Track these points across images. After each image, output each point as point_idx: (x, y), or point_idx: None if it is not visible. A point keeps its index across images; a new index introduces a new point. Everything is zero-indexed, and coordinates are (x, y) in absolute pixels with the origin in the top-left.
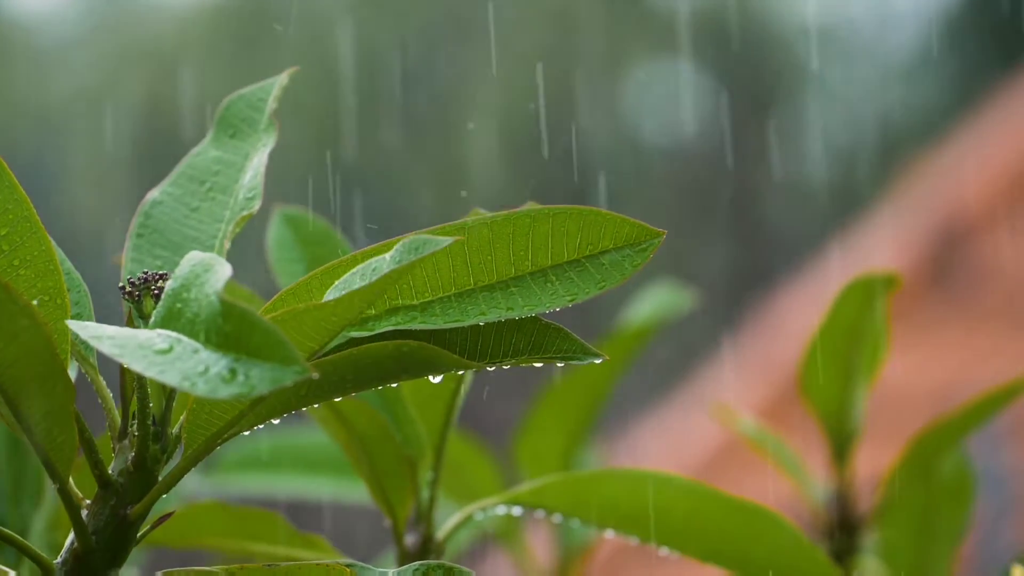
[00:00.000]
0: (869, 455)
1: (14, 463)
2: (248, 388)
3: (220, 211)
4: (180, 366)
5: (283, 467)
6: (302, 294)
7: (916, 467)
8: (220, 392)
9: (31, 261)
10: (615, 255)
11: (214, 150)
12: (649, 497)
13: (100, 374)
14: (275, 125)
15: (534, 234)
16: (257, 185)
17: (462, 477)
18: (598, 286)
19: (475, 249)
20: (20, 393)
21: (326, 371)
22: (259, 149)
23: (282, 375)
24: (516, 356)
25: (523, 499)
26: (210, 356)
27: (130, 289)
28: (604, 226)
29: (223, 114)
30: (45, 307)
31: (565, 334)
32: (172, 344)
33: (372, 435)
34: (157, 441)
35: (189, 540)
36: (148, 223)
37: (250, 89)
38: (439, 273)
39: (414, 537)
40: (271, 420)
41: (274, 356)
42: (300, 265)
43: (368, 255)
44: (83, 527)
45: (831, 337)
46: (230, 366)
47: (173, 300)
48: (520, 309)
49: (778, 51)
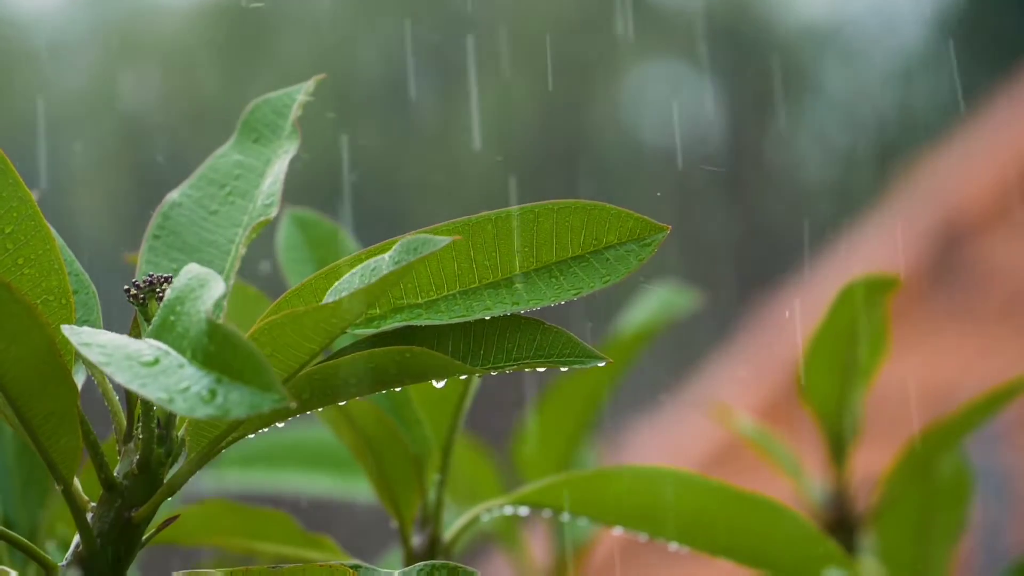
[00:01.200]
0: (868, 456)
1: (23, 463)
2: (224, 411)
3: (239, 215)
4: (163, 381)
5: (285, 463)
6: (306, 295)
7: (914, 467)
8: (197, 412)
9: (35, 260)
10: (619, 250)
11: (236, 154)
12: (657, 493)
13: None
14: (298, 132)
15: (538, 229)
16: (276, 191)
17: (463, 478)
18: (603, 280)
19: (479, 246)
20: (23, 394)
21: (328, 375)
22: (281, 155)
23: (260, 401)
24: (519, 360)
25: (531, 499)
26: (194, 373)
27: (135, 292)
28: (608, 221)
29: (247, 118)
30: (49, 308)
31: (568, 338)
32: (159, 357)
33: (380, 436)
34: (162, 444)
35: (196, 539)
36: (166, 224)
37: (276, 95)
38: (443, 271)
39: (421, 538)
40: (275, 424)
41: (254, 381)
42: (309, 266)
43: (370, 254)
44: (88, 529)
45: (830, 338)
46: (211, 386)
47: (168, 312)
48: (525, 304)
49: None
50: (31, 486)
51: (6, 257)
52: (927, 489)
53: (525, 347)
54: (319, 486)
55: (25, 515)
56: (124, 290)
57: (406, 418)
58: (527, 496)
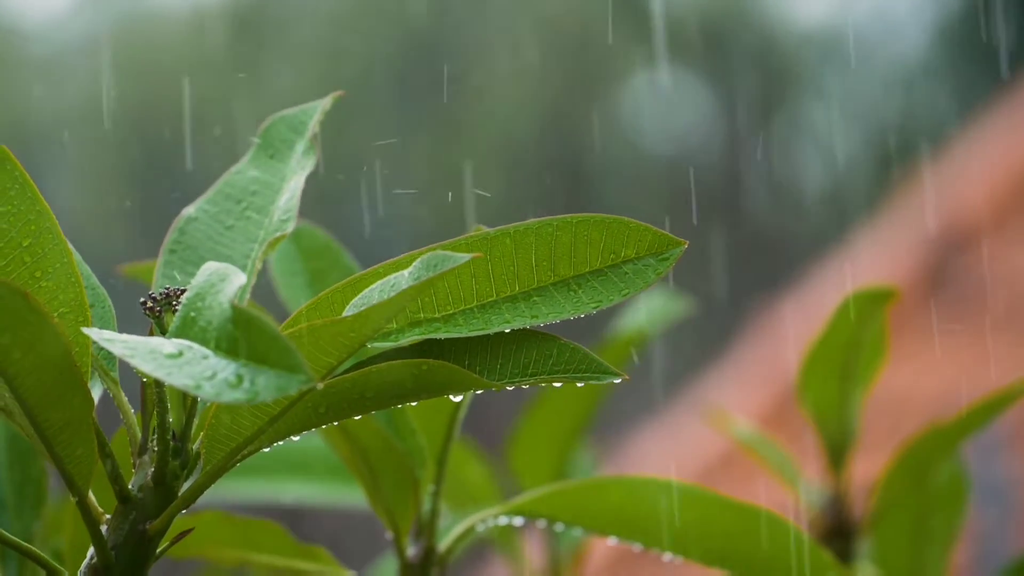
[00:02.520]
0: (869, 463)
1: (15, 473)
2: (252, 395)
3: (255, 231)
4: (188, 370)
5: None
6: (323, 309)
7: (910, 473)
8: (224, 396)
9: (53, 273)
10: (638, 264)
11: (253, 170)
12: (651, 503)
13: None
14: (315, 149)
15: (556, 243)
16: (293, 207)
17: (457, 482)
18: (621, 294)
19: (497, 260)
20: (40, 404)
21: (345, 388)
22: (297, 172)
23: (287, 383)
24: (535, 375)
25: (525, 509)
26: (218, 362)
27: (151, 304)
28: (627, 235)
29: (264, 134)
30: (66, 319)
31: (584, 354)
32: (182, 350)
33: (374, 446)
34: (177, 456)
35: (190, 550)
36: (182, 239)
37: (292, 111)
38: (461, 286)
39: (416, 549)
40: (291, 437)
41: (280, 363)
42: (302, 278)
43: (389, 269)
44: (103, 542)
45: (829, 347)
46: (237, 371)
47: (188, 310)
48: (544, 317)
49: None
50: (25, 498)
51: (24, 270)
52: (923, 495)
53: (542, 362)
54: (313, 495)
55: (19, 527)
56: (140, 303)
57: (400, 428)
58: (522, 506)
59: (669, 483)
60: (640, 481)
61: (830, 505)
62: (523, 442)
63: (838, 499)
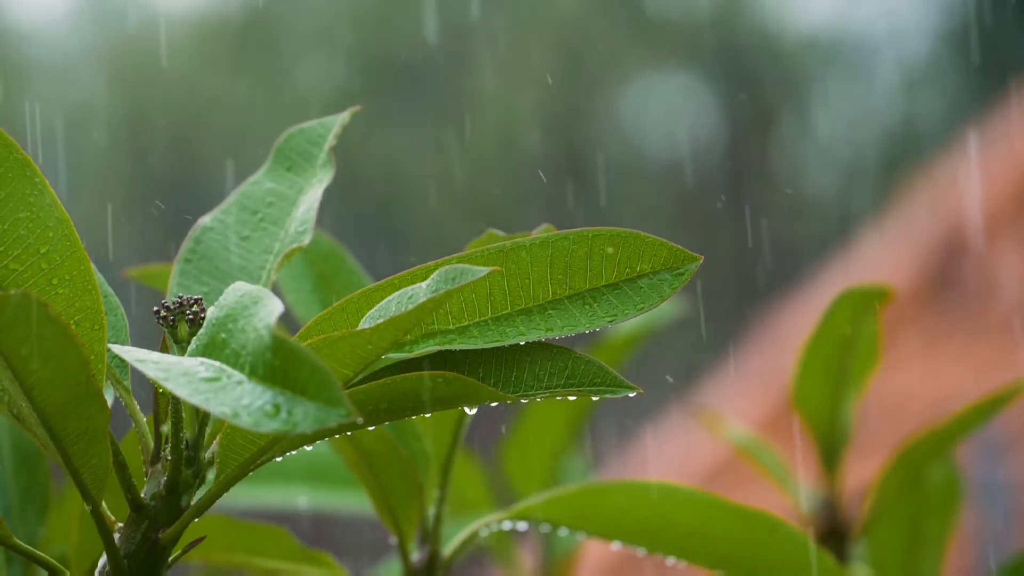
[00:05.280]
0: (867, 467)
1: (21, 478)
2: (291, 426)
3: (270, 242)
4: (224, 396)
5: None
6: (337, 319)
7: (904, 476)
8: (263, 426)
9: (70, 280)
10: (653, 279)
11: (269, 182)
12: (655, 507)
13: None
14: (332, 162)
15: (572, 257)
16: (310, 219)
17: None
18: (636, 308)
19: (513, 274)
20: (56, 414)
21: (360, 400)
22: (314, 184)
23: (326, 416)
24: (550, 388)
25: (529, 514)
26: (254, 389)
27: (165, 313)
28: (642, 249)
29: (281, 147)
30: (82, 327)
31: (599, 367)
32: (218, 375)
33: (379, 452)
34: (190, 466)
35: (196, 554)
36: (197, 249)
37: (311, 124)
38: (476, 298)
39: (421, 554)
40: (304, 447)
41: (320, 395)
42: (307, 282)
43: (405, 281)
44: (115, 550)
45: (822, 347)
46: (274, 400)
47: (217, 329)
48: (559, 330)
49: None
50: (29, 504)
51: (41, 277)
52: (917, 497)
53: (556, 375)
54: (318, 500)
55: (24, 532)
56: (154, 312)
57: (405, 433)
58: (526, 511)
59: (672, 487)
60: (643, 485)
61: (824, 507)
62: (516, 447)
63: (832, 501)
